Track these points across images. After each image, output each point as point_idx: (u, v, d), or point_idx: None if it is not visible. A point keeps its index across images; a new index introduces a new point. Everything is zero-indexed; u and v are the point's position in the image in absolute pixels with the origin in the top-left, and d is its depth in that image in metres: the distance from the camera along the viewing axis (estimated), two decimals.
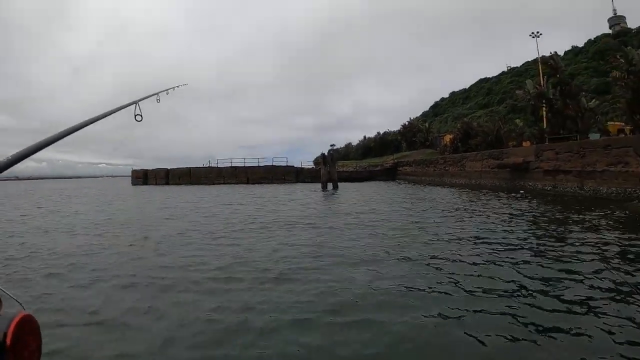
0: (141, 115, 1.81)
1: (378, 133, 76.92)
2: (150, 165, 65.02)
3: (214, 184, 49.60)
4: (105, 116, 0.96)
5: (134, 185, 56.55)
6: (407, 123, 68.38)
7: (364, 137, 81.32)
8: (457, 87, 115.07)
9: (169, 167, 56.81)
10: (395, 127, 72.48)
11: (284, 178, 49.22)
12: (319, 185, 35.32)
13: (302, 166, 56.37)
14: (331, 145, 38.74)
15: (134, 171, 61.02)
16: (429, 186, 31.24)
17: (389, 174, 47.56)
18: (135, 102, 1.76)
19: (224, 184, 49.15)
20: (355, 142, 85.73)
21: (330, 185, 32.42)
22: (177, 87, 2.94)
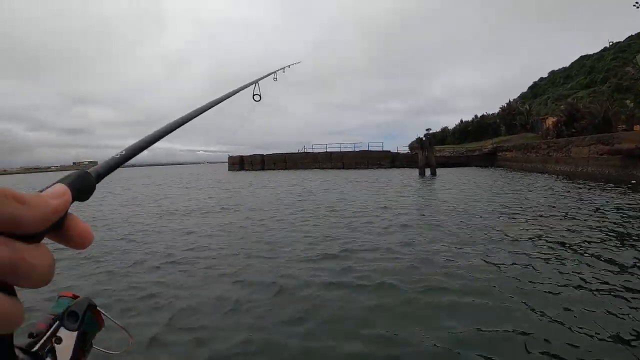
0: (259, 95, 1.72)
1: (475, 116, 74.78)
2: (245, 152, 69.10)
3: (308, 168, 52.13)
4: (226, 98, 1.05)
5: (230, 170, 60.33)
6: (505, 105, 66.41)
7: (461, 120, 79.32)
8: (557, 66, 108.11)
9: (264, 153, 60.26)
10: (492, 109, 70.52)
11: (379, 163, 50.12)
12: (415, 171, 35.75)
13: (398, 151, 56.98)
14: (427, 130, 38.89)
15: (230, 157, 64.62)
16: (532, 173, 30.19)
17: (488, 160, 46.27)
18: (255, 82, 1.72)
19: (318, 168, 51.40)
20: (451, 126, 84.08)
21: (428, 171, 32.42)
22: (293, 64, 3.05)
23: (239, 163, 61.10)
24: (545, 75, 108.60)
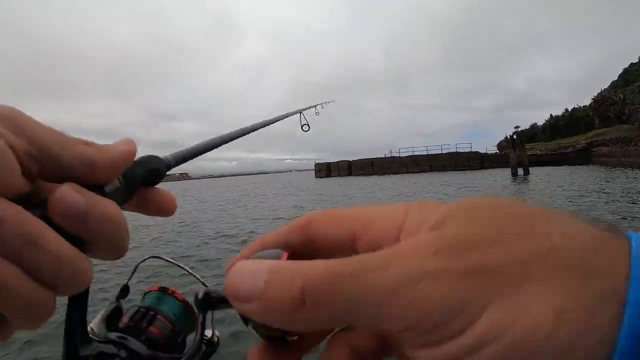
0: (308, 125, 1.75)
1: (566, 110, 72.80)
2: (329, 159, 71.77)
3: (396, 173, 53.24)
4: (271, 123, 0.94)
5: (317, 177, 62.43)
6: (597, 96, 64.10)
7: (550, 115, 77.30)
8: None
9: (350, 159, 62.29)
10: (582, 101, 68.02)
11: (468, 165, 50.32)
12: (505, 172, 35.87)
13: (487, 151, 56.86)
14: (515, 127, 38.49)
15: (317, 164, 67.24)
16: (633, 169, 29.19)
17: (582, 157, 44.77)
18: (300, 111, 1.69)
19: (406, 173, 52.37)
20: (540, 122, 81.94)
21: (520, 171, 31.98)
22: (326, 103, 2.67)
23: (325, 170, 63.62)
24: (635, 60, 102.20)
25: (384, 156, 59.96)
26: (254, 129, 0.76)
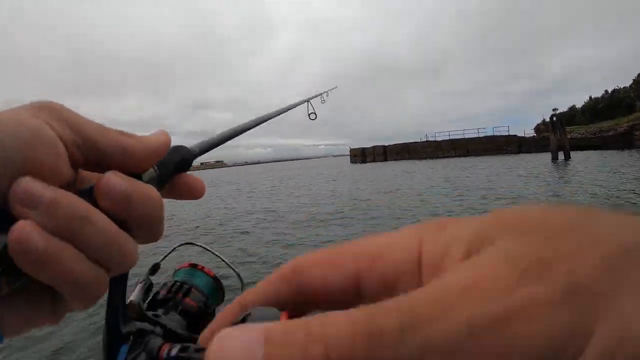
0: (315, 114, 1.70)
1: (606, 92, 70.96)
2: (365, 144, 72.25)
3: (432, 157, 53.59)
4: (278, 115, 0.93)
5: (352, 163, 63.31)
6: (639, 76, 62.46)
7: (590, 97, 75.50)
8: None
9: (385, 144, 62.59)
10: (623, 82, 66.21)
11: (505, 149, 49.77)
12: (544, 156, 35.76)
13: (525, 135, 56.09)
14: (554, 110, 37.77)
15: (352, 150, 67.88)
16: None
17: (624, 140, 43.53)
18: (307, 100, 1.67)
19: (442, 157, 52.46)
20: (579, 104, 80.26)
21: (561, 155, 31.22)
22: (330, 90, 2.43)
23: (360, 155, 64.19)
24: None
25: (419, 140, 60.00)
26: (268, 117, 0.82)
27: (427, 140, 58.72)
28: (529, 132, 61.57)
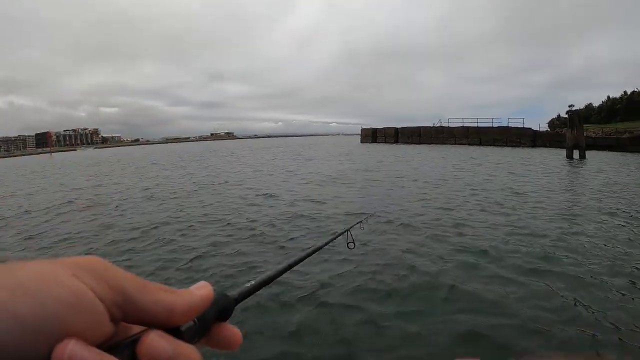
0: (354, 243, 1.79)
1: (625, 93, 70.03)
2: (376, 125, 71.78)
3: (444, 143, 53.19)
4: (321, 248, 1.05)
5: (363, 143, 63.00)
6: None
7: (607, 97, 74.44)
8: None
9: (397, 127, 62.00)
10: None
11: (519, 141, 48.95)
12: (558, 152, 35.27)
13: (539, 128, 54.76)
14: (570, 106, 37.40)
15: (363, 129, 67.26)
16: None
17: (639, 144, 41.32)
18: (347, 230, 1.78)
19: (455, 144, 52.13)
20: (596, 103, 79.33)
21: (576, 153, 30.20)
22: (370, 215, 3.61)
23: (371, 135, 63.92)
24: None
25: (433, 125, 59.67)
26: (307, 255, 0.86)
27: (440, 126, 58.17)
28: (543, 127, 60.67)
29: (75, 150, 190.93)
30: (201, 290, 0.35)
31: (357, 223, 2.31)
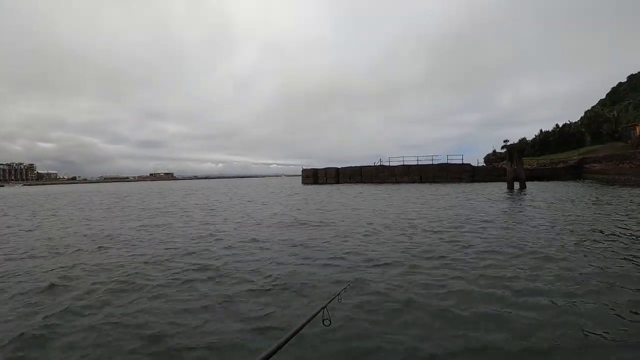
0: (329, 320, 1.99)
1: (557, 126, 72.90)
2: (317, 165, 71.20)
3: (384, 182, 53.25)
4: (298, 332, 1.43)
5: (304, 184, 61.99)
6: (589, 112, 64.81)
7: (540, 130, 77.21)
8: (636, 70, 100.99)
9: (338, 167, 61.49)
10: (571, 117, 68.55)
11: (459, 177, 50.03)
12: (497, 185, 36.41)
13: (478, 164, 56.45)
14: (505, 141, 38.47)
15: (304, 170, 65.98)
16: (629, 188, 28.99)
17: (574, 173, 44.79)
18: (324, 307, 1.98)
19: (396, 182, 52.30)
20: (529, 137, 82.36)
21: (516, 185, 31.79)
22: (344, 289, 3.50)
23: (312, 176, 62.86)
24: (624, 80, 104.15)
25: (373, 164, 59.31)
26: (290, 336, 1.06)
27: (381, 165, 58.09)
28: (480, 162, 62.11)
29: (2, 186, 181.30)
30: None
31: (335, 296, 2.59)
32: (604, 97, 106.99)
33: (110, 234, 13.44)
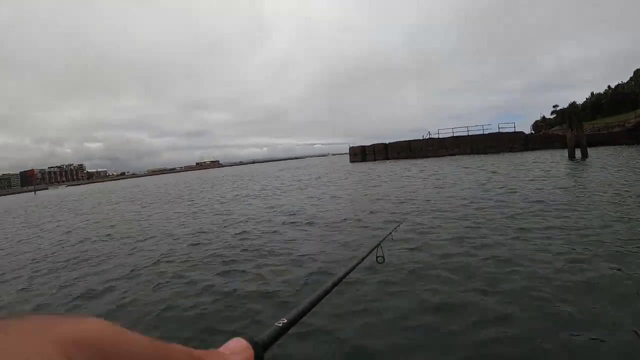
0: (383, 257, 1.86)
1: (609, 87, 70.69)
2: (361, 143, 70.04)
3: (436, 156, 52.55)
4: (353, 269, 1.29)
5: (352, 162, 61.50)
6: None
7: (591, 93, 74.91)
8: None
9: (386, 142, 61.14)
10: (620, 78, 65.55)
11: (511, 146, 48.42)
12: (552, 153, 34.93)
13: (532, 132, 54.20)
14: (554, 106, 37.68)
15: (351, 148, 65.84)
16: None
17: (632, 136, 41.61)
18: (379, 244, 1.88)
19: (447, 155, 51.50)
20: (578, 100, 79.67)
21: (577, 152, 28.65)
22: (398, 226, 3.59)
23: (360, 154, 62.79)
24: None
25: (422, 137, 58.98)
26: (339, 279, 0.93)
27: (430, 138, 57.63)
28: (528, 130, 60.56)
29: (47, 189, 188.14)
30: (239, 356, 0.33)
31: (389, 234, 2.44)
32: None
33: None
